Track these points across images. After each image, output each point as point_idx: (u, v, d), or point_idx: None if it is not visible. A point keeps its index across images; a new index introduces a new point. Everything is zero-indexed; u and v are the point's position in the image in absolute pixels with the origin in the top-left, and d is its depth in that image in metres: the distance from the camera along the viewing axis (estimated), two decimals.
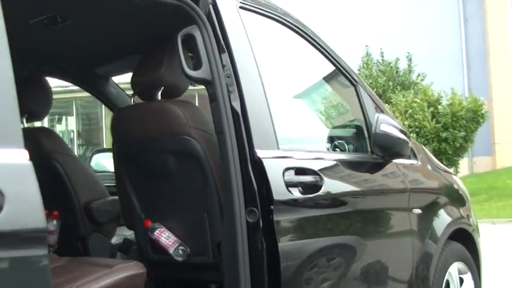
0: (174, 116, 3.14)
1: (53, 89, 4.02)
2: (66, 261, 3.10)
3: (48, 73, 4.24)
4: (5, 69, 1.97)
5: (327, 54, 3.57)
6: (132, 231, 3.66)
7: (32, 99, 3.73)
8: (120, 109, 4.18)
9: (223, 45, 2.87)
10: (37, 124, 4.67)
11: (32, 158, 1.95)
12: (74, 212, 3.86)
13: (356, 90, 3.68)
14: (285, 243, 2.83)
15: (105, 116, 21.04)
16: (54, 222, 3.76)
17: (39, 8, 3.19)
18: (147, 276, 2.96)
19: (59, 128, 22.29)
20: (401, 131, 3.50)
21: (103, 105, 5.31)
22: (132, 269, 2.85)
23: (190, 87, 3.51)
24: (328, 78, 3.90)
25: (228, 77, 2.84)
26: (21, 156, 1.94)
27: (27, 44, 3.56)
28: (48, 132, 4.23)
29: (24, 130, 2.02)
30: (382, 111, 3.73)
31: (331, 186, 3.16)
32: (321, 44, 3.54)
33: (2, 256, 1.84)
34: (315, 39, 3.51)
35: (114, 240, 4.07)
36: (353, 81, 3.70)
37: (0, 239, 1.84)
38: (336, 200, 3.25)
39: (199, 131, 3.13)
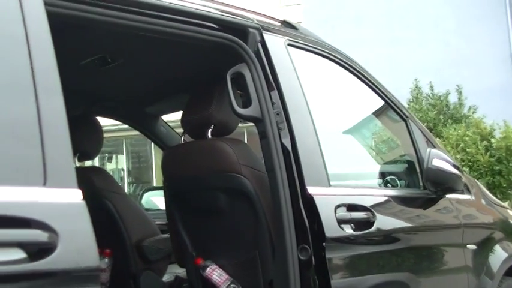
0: (224, 154, 3.15)
1: (103, 128, 4.07)
2: None
3: (98, 112, 4.30)
4: (58, 110, 2.00)
5: (376, 89, 3.56)
6: (184, 269, 3.66)
7: (84, 139, 3.77)
8: (170, 148, 4.20)
9: (273, 82, 2.87)
10: (88, 163, 4.71)
11: (84, 197, 1.97)
12: (125, 250, 3.88)
13: (407, 124, 3.65)
14: (337, 281, 2.80)
15: (155, 154, 21.20)
16: (106, 260, 3.79)
17: (90, 49, 3.24)
18: None
19: (109, 167, 22.49)
20: (454, 166, 3.46)
21: (152, 143, 5.35)
22: None
23: (240, 124, 3.52)
24: (377, 113, 3.88)
25: (278, 114, 2.84)
26: (74, 196, 1.96)
27: (78, 85, 3.62)
28: (100, 171, 4.27)
29: (76, 169, 2.04)
30: (434, 146, 3.69)
31: (384, 222, 3.12)
32: (370, 79, 3.53)
33: None
34: (364, 74, 3.50)
35: (166, 278, 4.08)
36: (403, 115, 3.67)
37: (54, 277, 1.85)
38: (388, 236, 3.22)
39: (250, 168, 3.12)
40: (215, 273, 3.28)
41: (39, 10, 2.05)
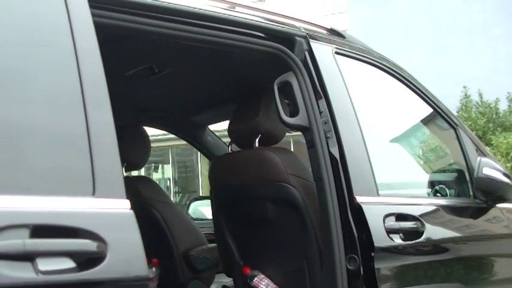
0: (272, 163, 3.14)
1: (150, 138, 4.08)
2: None
3: (145, 122, 4.32)
4: (107, 121, 2.01)
5: (424, 96, 3.51)
6: (231, 279, 3.66)
7: (131, 149, 3.79)
8: (218, 157, 4.21)
9: (320, 91, 2.86)
10: (134, 173, 4.74)
11: (132, 207, 1.97)
12: (172, 259, 3.89)
13: (456, 133, 3.61)
14: None
15: (201, 164, 21.29)
16: (154, 269, 3.81)
17: (137, 59, 3.26)
18: None
19: (155, 176, 22.64)
20: (505, 174, 3.40)
21: (199, 153, 5.36)
22: None
23: (286, 134, 3.51)
24: (426, 121, 3.84)
25: (326, 123, 2.82)
26: (123, 205, 1.97)
27: (125, 95, 3.64)
28: (147, 181, 4.30)
29: (124, 179, 2.05)
30: (484, 154, 3.63)
31: (433, 232, 3.09)
32: (418, 87, 3.49)
33: None
34: (412, 81, 3.47)
35: (213, 287, 4.07)
36: (453, 123, 3.62)
37: (103, 286, 1.87)
38: (437, 246, 3.18)
39: (298, 178, 3.11)
40: (263, 282, 3.27)
41: (87, 22, 2.07)
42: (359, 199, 2.77)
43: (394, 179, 3.38)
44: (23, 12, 1.98)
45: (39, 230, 1.77)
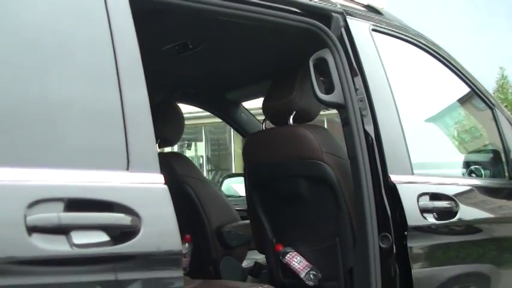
0: (306, 140, 3.14)
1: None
2: (198, 284, 3.13)
3: (179, 99, 4.32)
4: (141, 97, 2.02)
5: (461, 76, 3.47)
6: (263, 255, 3.67)
7: (165, 125, 3.80)
8: (252, 134, 4.20)
9: (356, 68, 2.83)
10: (167, 149, 4.74)
11: (166, 182, 1.98)
12: (205, 235, 3.90)
13: (493, 113, 3.57)
14: (418, 270, 2.76)
15: (234, 142, 21.30)
16: (187, 245, 3.82)
17: (171, 35, 3.26)
18: None
19: (188, 154, 22.68)
20: None
21: (232, 131, 5.37)
22: None
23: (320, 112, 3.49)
24: (462, 101, 3.80)
25: (361, 100, 2.79)
26: (157, 180, 1.98)
27: (159, 71, 3.64)
28: (180, 157, 4.30)
29: (158, 155, 2.06)
30: None
31: (467, 212, 3.07)
32: (456, 66, 3.45)
33: (139, 277, 1.88)
34: (450, 60, 3.43)
35: (245, 264, 4.09)
36: (490, 104, 3.58)
37: (136, 260, 1.88)
38: (470, 227, 3.16)
39: (332, 155, 3.10)
40: (295, 259, 3.28)
41: None
42: (393, 178, 2.76)
43: (429, 159, 3.35)
44: None
45: (74, 204, 1.79)
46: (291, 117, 3.27)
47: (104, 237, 1.82)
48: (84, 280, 1.79)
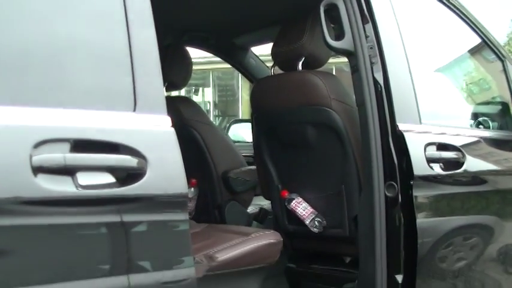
0: (315, 87, 3.12)
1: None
2: (203, 228, 3.15)
3: (188, 43, 4.29)
4: (149, 39, 2.00)
5: (473, 26, 3.44)
6: (269, 201, 3.68)
7: (173, 69, 3.78)
8: (260, 79, 4.18)
9: (367, 15, 2.79)
10: (175, 94, 4.72)
11: (172, 125, 1.98)
12: (211, 180, 3.91)
13: (503, 65, 3.54)
14: (422, 220, 2.76)
15: (242, 88, 21.26)
16: (192, 190, 3.83)
17: None
18: (282, 246, 2.96)
19: (195, 99, 22.61)
20: None
21: (240, 77, 5.36)
22: (269, 237, 2.86)
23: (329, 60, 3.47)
24: (473, 52, 3.77)
25: (371, 48, 2.76)
26: (164, 123, 1.97)
27: (168, 13, 3.61)
28: (188, 101, 4.29)
29: (165, 98, 2.04)
30: None
31: (473, 163, 3.07)
32: (467, 15, 3.41)
33: (145, 219, 1.89)
34: (461, 10, 3.39)
35: (250, 209, 4.11)
36: (501, 56, 3.55)
37: (142, 202, 1.89)
38: (476, 178, 3.16)
39: (340, 102, 3.09)
40: (300, 206, 3.29)
41: None
42: (401, 126, 2.74)
43: (437, 109, 3.34)
44: None
45: (80, 145, 1.79)
46: (300, 63, 3.25)
47: (109, 178, 1.82)
48: (89, 221, 1.79)
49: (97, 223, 1.81)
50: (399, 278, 2.73)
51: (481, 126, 3.51)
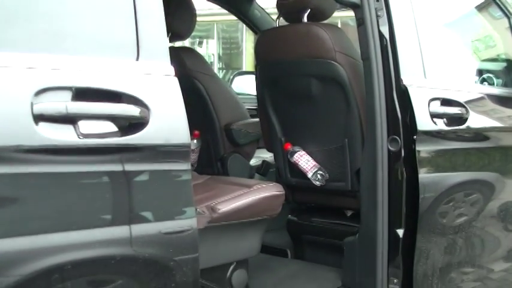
0: (320, 39, 3.10)
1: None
2: (206, 179, 3.16)
3: None
4: None
5: None
6: (271, 154, 3.68)
7: (177, 18, 3.74)
8: (264, 31, 4.14)
9: None
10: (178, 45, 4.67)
11: (176, 75, 1.96)
12: (214, 132, 3.90)
13: (510, 22, 3.52)
14: (424, 175, 2.77)
15: (246, 41, 21.15)
16: (195, 141, 3.82)
17: None
18: (284, 199, 2.97)
19: (199, 51, 22.53)
20: None
21: (244, 29, 5.31)
22: (271, 189, 2.86)
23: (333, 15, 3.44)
24: (479, 8, 3.73)
25: (377, 0, 2.74)
26: (167, 71, 1.96)
27: None
28: (192, 52, 4.25)
29: (169, 48, 2.02)
30: None
31: (477, 119, 3.07)
32: None
33: (147, 169, 1.89)
34: None
35: (253, 162, 4.11)
36: (507, 12, 3.52)
37: (144, 152, 1.88)
38: (479, 134, 3.16)
39: (345, 56, 3.07)
40: (303, 159, 3.29)
41: None
42: (405, 81, 2.74)
43: (442, 64, 3.32)
44: None
45: (82, 93, 1.78)
46: (305, 15, 3.22)
47: (111, 127, 1.82)
48: (91, 170, 1.79)
49: (98, 172, 1.81)
50: (400, 232, 2.75)
51: (485, 83, 3.50)
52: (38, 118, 1.68)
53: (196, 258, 2.00)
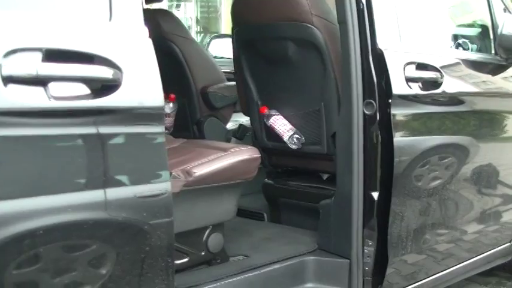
0: (297, 2, 3.08)
1: None
2: (181, 143, 3.14)
3: None
4: None
5: None
6: (248, 118, 3.67)
7: None
8: None
9: None
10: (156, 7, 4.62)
11: (150, 36, 1.94)
12: (190, 95, 3.89)
13: None
14: (399, 138, 2.79)
15: (224, 4, 20.99)
16: (171, 105, 3.80)
17: None
18: (260, 162, 2.97)
19: (176, 15, 22.31)
20: None
21: None
22: (247, 153, 2.85)
23: None
24: None
25: None
26: (140, 33, 1.94)
27: None
28: (168, 14, 4.21)
29: (144, 11, 2.00)
30: (511, 13, 3.57)
31: (451, 84, 3.09)
32: None
33: (120, 131, 1.88)
34: None
35: (230, 125, 4.10)
36: None
37: (117, 114, 1.87)
38: (454, 98, 3.19)
39: (321, 19, 3.06)
40: (279, 122, 3.29)
41: None
42: (381, 45, 2.74)
43: (418, 29, 3.32)
44: None
45: (53, 55, 1.76)
46: None
47: (83, 89, 1.80)
48: (63, 133, 1.78)
49: (70, 135, 1.79)
50: (375, 195, 2.78)
51: (460, 48, 3.52)
52: (7, 80, 1.65)
53: (171, 222, 2.00)
